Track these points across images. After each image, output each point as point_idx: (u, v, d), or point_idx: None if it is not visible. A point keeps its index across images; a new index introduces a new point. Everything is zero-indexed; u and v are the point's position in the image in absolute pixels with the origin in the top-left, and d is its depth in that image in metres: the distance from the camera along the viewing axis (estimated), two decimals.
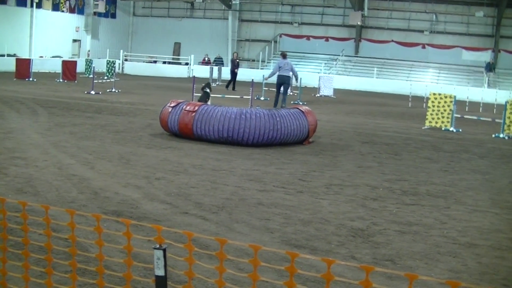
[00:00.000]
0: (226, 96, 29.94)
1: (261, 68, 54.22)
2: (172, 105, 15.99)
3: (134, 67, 53.56)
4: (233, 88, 37.79)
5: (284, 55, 28.51)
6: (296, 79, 31.03)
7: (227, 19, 59.53)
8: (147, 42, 61.41)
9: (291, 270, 3.55)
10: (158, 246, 3.90)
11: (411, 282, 3.34)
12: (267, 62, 56.96)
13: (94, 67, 32.16)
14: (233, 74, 39.44)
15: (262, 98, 31.70)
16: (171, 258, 5.48)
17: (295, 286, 3.55)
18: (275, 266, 5.93)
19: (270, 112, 15.34)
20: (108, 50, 51.05)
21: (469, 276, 6.91)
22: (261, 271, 6.20)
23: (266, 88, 33.01)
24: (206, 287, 5.93)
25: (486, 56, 55.00)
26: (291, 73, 27.51)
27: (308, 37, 59.12)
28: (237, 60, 40.76)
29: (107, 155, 13.03)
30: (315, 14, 59.17)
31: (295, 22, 59.68)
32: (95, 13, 55.44)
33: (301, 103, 28.67)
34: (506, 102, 22.29)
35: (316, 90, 40.38)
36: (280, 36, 59.72)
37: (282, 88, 27.01)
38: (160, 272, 3.87)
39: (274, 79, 28.26)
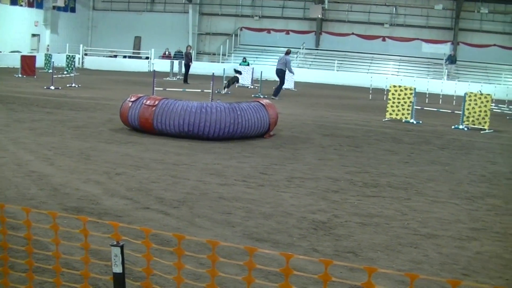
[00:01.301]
0: (186, 90, 29.84)
1: (222, 62, 54.14)
2: (132, 99, 15.87)
3: (94, 62, 53.13)
4: (185, 81, 37.68)
5: (286, 52, 32.94)
6: (290, 72, 33.35)
7: (188, 12, 59.27)
8: (107, 36, 60.92)
9: (249, 265, 3.52)
10: (115, 243, 3.85)
11: (369, 275, 3.33)
12: (228, 56, 56.88)
13: (53, 62, 31.79)
14: (187, 67, 39.28)
15: (223, 92, 31.63)
16: (132, 255, 5.45)
17: (253, 281, 3.52)
18: (232, 261, 5.90)
19: (231, 106, 15.29)
20: (67, 44, 50.66)
21: (429, 267, 6.94)
22: (223, 266, 6.18)
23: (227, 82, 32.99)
24: (167, 283, 5.88)
25: (445, 49, 55.58)
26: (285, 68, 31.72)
27: (268, 30, 59.17)
28: (190, 53, 40.54)
29: (67, 151, 12.89)
30: (275, 7, 59.23)
31: (256, 16, 59.69)
32: (54, 7, 54.74)
33: (262, 96, 28.68)
34: (465, 94, 22.50)
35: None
36: (241, 30, 59.70)
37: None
38: (117, 269, 3.83)
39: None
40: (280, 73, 31.80)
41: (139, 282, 4.55)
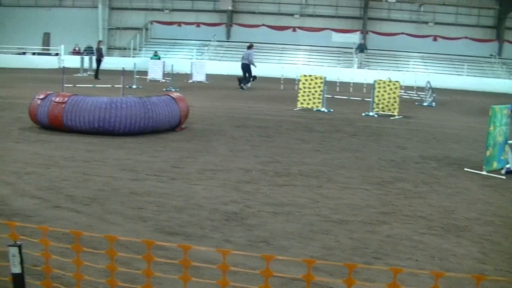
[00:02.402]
0: (97, 86, 29.47)
1: (133, 56, 53.62)
2: (41, 97, 15.57)
3: (1, 60, 51.90)
4: (97, 77, 37.29)
5: (248, 47, 35.64)
6: (252, 65, 34.75)
7: (97, 7, 58.45)
8: (16, 33, 59.45)
9: (148, 258, 3.50)
10: (13, 243, 3.78)
11: (267, 262, 3.36)
12: (139, 50, 56.40)
13: None
14: (98, 63, 38.82)
15: (134, 87, 31.34)
16: (32, 255, 5.34)
17: (152, 274, 3.51)
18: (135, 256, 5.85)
19: (141, 100, 15.18)
20: None
21: (341, 252, 7.04)
22: (133, 261, 6.15)
23: (138, 76, 32.74)
24: (69, 282, 5.78)
25: (355, 38, 56.40)
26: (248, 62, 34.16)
27: (179, 24, 58.88)
28: (101, 48, 40.04)
29: None
30: (186, 0, 58.95)
31: (166, 9, 59.31)
32: None
33: (173, 90, 28.57)
34: (374, 82, 22.87)
35: (188, 76, 40.29)
36: (151, 23, 59.23)
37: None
38: (16, 269, 3.75)
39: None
40: (245, 67, 34.42)
41: (39, 282, 4.46)
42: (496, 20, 57.61)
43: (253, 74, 34.85)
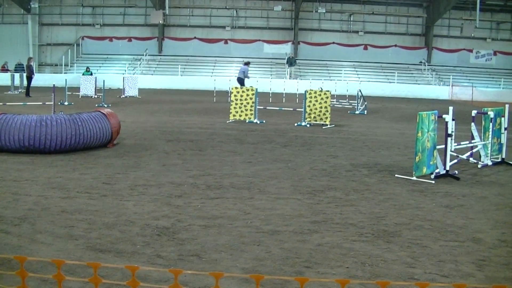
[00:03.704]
0: (28, 103, 29.10)
1: (65, 72, 53.12)
2: None
3: None
4: (28, 94, 36.82)
5: (245, 63, 38.49)
6: (246, 77, 36.89)
7: (27, 23, 57.74)
8: None
9: (95, 280, 3.48)
10: None
11: (216, 280, 3.37)
12: (70, 66, 55.85)
13: None
14: (29, 80, 38.33)
15: (66, 103, 31.00)
16: None
17: None
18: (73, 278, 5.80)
19: (71, 117, 15.03)
20: None
21: (272, 262, 7.06)
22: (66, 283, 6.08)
23: (70, 93, 32.42)
24: None
25: (287, 48, 56.89)
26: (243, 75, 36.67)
27: (110, 38, 58.59)
28: (31, 65, 39.54)
29: None
30: (117, 14, 58.76)
31: (97, 24, 59.01)
32: None
33: (105, 106, 28.38)
34: (305, 91, 23.06)
35: (121, 91, 40.05)
36: (83, 39, 58.77)
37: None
38: None
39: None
40: (240, 81, 36.67)
41: None
42: (424, 28, 58.80)
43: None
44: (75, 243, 7.73)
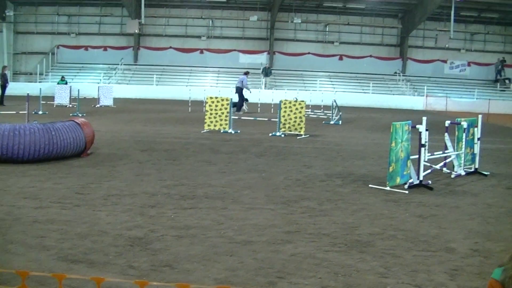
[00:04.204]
0: (1, 112, 28.90)
1: (39, 81, 52.83)
2: None
3: None
4: (1, 103, 36.62)
5: (244, 73, 37.63)
6: (245, 88, 36.13)
7: (2, 31, 57.33)
8: None
9: None
10: None
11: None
12: (45, 75, 55.54)
13: None
14: (3, 88, 38.09)
15: (40, 112, 30.80)
16: None
17: None
18: None
19: (45, 127, 14.92)
20: None
21: (245, 273, 7.04)
22: None
23: (44, 102, 32.23)
24: None
25: (262, 58, 56.98)
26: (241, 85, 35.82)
27: (86, 47, 58.37)
28: (6, 74, 39.30)
29: None
30: (92, 23, 58.58)
31: (73, 33, 58.76)
32: None
33: (80, 115, 28.26)
34: (280, 102, 23.09)
35: (96, 100, 39.88)
36: (58, 48, 58.45)
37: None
38: None
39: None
40: (238, 90, 35.80)
41: None
42: (399, 39, 59.14)
43: (245, 97, 36.06)
44: (47, 254, 7.66)
